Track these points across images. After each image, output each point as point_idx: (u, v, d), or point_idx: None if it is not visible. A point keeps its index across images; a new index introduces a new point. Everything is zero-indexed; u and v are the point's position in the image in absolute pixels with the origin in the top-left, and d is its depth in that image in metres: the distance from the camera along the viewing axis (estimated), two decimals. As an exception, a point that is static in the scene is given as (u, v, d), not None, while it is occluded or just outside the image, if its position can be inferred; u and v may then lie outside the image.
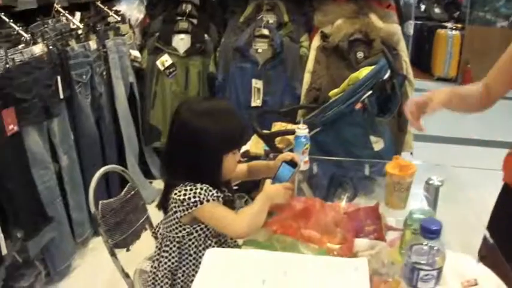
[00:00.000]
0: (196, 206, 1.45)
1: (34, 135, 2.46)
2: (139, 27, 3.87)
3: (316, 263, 1.27)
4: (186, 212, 1.47)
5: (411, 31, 4.53)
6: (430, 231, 1.01)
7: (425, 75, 7.52)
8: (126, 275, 1.80)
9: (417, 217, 1.26)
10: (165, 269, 1.56)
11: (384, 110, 2.71)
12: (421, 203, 1.66)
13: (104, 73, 3.16)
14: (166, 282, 1.56)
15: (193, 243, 1.54)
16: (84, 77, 2.86)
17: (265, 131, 2.89)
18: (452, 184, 1.78)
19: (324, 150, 2.63)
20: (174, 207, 1.50)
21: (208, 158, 1.48)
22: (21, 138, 2.36)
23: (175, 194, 1.48)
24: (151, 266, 1.63)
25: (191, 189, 1.46)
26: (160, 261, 1.58)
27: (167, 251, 1.57)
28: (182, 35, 3.69)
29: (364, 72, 2.69)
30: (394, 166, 1.59)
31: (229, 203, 1.57)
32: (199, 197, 1.45)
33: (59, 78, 2.64)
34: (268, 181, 1.57)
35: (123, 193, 1.97)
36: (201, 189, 1.46)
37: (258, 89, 3.53)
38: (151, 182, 3.66)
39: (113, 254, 1.81)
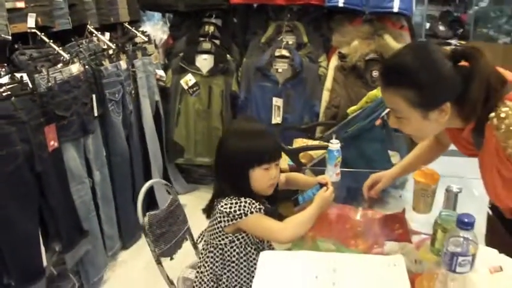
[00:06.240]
0: (241, 217, 1.59)
1: (72, 151, 2.56)
2: (163, 48, 4.00)
3: (360, 260, 1.41)
4: (230, 223, 1.61)
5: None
6: (466, 223, 1.18)
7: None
8: (170, 282, 1.91)
9: (446, 217, 1.41)
10: (211, 273, 1.69)
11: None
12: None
13: (133, 92, 3.26)
14: (212, 286, 1.69)
15: (234, 250, 1.67)
16: (116, 95, 2.97)
17: (289, 147, 3.01)
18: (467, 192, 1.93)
19: (346, 166, 2.70)
20: (219, 217, 1.63)
21: (236, 173, 1.63)
22: (61, 154, 2.46)
23: (222, 206, 1.62)
24: (197, 272, 1.75)
25: (236, 203, 1.60)
26: (205, 267, 1.70)
27: (211, 257, 1.70)
28: (205, 56, 3.79)
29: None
30: (420, 175, 1.75)
31: (271, 214, 1.69)
32: (243, 209, 1.59)
33: (94, 96, 2.76)
34: (324, 188, 1.69)
35: (166, 205, 2.06)
36: (245, 202, 1.60)
37: (278, 107, 3.64)
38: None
39: (159, 263, 1.91)
